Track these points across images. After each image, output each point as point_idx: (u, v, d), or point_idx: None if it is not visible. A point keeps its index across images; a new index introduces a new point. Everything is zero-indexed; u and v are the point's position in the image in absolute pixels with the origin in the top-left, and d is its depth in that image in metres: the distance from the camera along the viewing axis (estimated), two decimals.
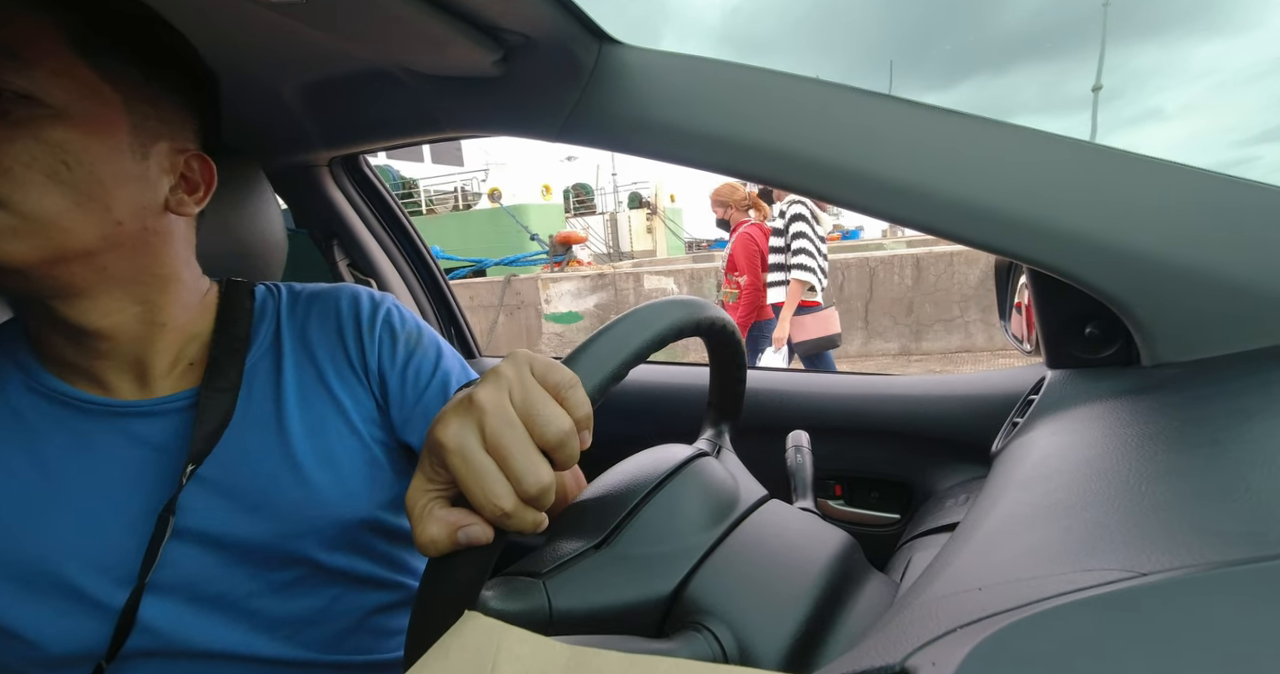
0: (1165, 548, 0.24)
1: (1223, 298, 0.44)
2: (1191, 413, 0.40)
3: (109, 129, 0.44)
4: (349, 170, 1.08)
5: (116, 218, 0.44)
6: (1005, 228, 0.48)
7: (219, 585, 0.48)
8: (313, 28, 0.59)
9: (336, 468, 0.51)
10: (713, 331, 0.47)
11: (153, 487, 0.47)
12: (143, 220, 0.46)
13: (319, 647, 0.51)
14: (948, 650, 0.21)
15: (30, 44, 0.41)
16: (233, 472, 0.48)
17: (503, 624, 0.29)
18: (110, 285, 0.46)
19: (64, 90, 0.41)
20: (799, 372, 0.95)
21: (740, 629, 0.35)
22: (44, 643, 0.43)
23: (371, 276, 1.12)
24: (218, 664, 0.48)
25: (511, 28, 0.57)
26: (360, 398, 0.54)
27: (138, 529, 0.45)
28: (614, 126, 0.59)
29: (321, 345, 0.54)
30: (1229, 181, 0.46)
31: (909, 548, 0.62)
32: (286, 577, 0.50)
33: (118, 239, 0.45)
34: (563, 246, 8.86)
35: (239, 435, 0.49)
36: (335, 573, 0.52)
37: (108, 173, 0.43)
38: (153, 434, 0.48)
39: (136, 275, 0.47)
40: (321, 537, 0.50)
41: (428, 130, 0.78)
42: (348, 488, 0.51)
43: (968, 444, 0.75)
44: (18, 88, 0.40)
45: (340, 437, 0.52)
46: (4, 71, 0.39)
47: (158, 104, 0.47)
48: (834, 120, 0.53)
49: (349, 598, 0.52)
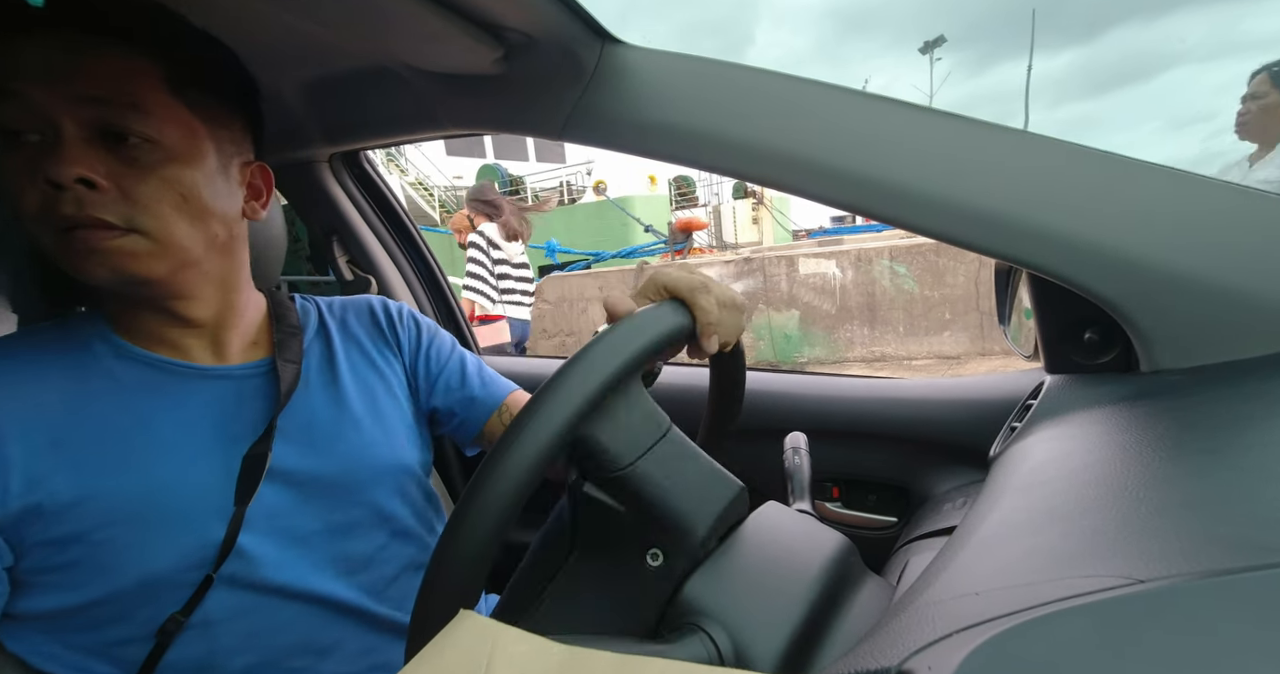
0: (1162, 555, 0.24)
1: (1222, 305, 0.44)
2: (1189, 419, 0.40)
3: (204, 158, 0.53)
4: (349, 166, 1.08)
5: (215, 231, 0.54)
6: (1006, 232, 0.48)
7: (292, 520, 0.56)
8: (314, 23, 0.59)
9: (384, 422, 0.63)
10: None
11: (236, 434, 0.55)
12: (230, 229, 0.56)
13: (368, 590, 0.59)
14: (944, 655, 0.21)
15: (145, 94, 0.49)
16: (303, 423, 0.58)
17: (498, 623, 0.29)
18: (206, 284, 0.56)
19: (172, 131, 0.50)
20: (798, 374, 0.95)
21: (736, 631, 0.35)
22: (156, 565, 0.50)
23: (370, 273, 1.12)
24: (285, 601, 0.55)
25: (513, 26, 0.57)
26: (397, 371, 0.68)
27: (228, 469, 0.53)
28: (616, 126, 0.59)
29: (362, 331, 0.68)
30: (1231, 189, 0.46)
31: (906, 551, 0.62)
32: (346, 518, 0.58)
33: (215, 247, 0.55)
34: (683, 234, 8.32)
35: (305, 396, 0.60)
36: (384, 519, 0.61)
37: (209, 196, 0.53)
38: (228, 393, 0.57)
39: (224, 274, 0.58)
40: (374, 480, 0.60)
41: (428, 127, 0.78)
42: (393, 440, 0.63)
43: (966, 448, 0.75)
44: (140, 134, 0.49)
45: (386, 398, 0.65)
46: (132, 122, 0.48)
47: (229, 126, 0.56)
48: (834, 122, 0.53)
49: (393, 547, 0.61)
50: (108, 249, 0.48)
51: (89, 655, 0.51)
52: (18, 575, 0.49)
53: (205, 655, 0.52)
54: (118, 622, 0.50)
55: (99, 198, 0.47)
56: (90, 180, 0.47)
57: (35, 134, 0.47)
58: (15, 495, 0.47)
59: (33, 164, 0.47)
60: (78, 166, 0.46)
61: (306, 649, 0.56)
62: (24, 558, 0.49)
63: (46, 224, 0.48)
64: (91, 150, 0.47)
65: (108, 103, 0.48)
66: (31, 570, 0.49)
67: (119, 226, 0.48)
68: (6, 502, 0.47)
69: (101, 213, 0.47)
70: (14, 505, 0.47)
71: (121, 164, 0.48)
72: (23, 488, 0.48)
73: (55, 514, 0.48)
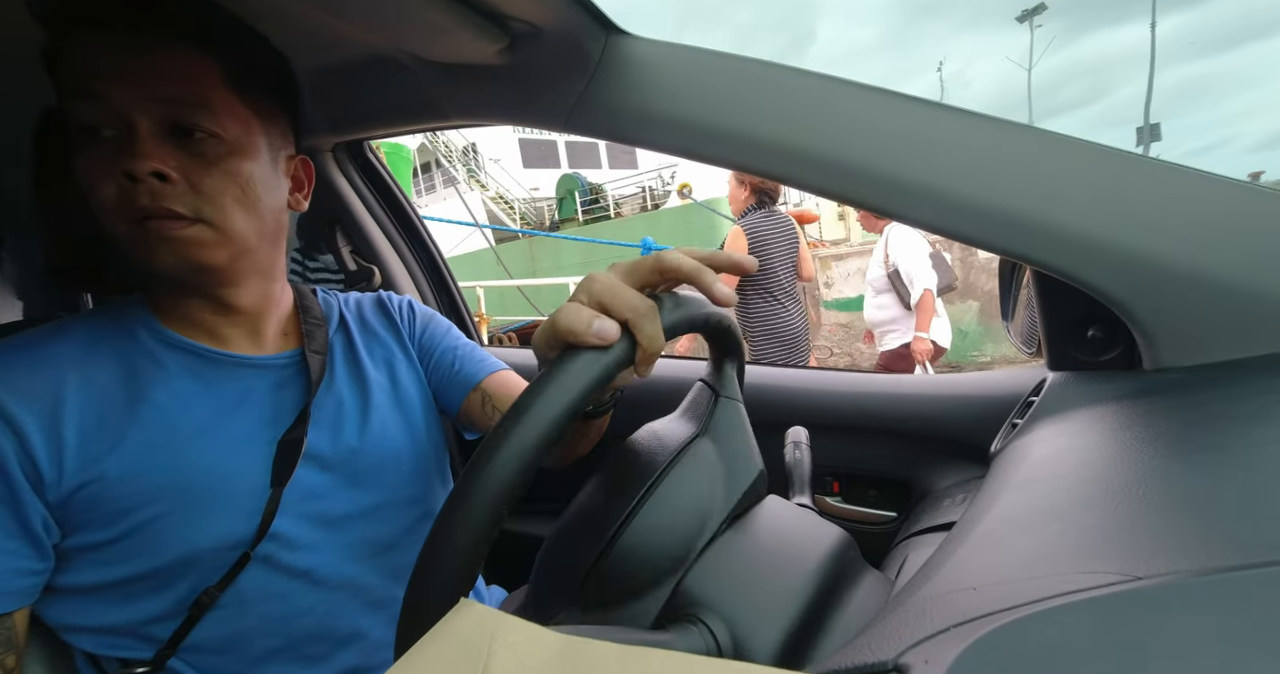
0: (1161, 552, 0.24)
1: (1227, 303, 0.44)
2: (1192, 418, 0.40)
3: (259, 151, 0.55)
4: (353, 156, 1.07)
5: (267, 221, 0.57)
6: (1010, 228, 0.48)
7: (324, 503, 0.58)
8: (319, 13, 0.59)
9: (405, 408, 0.67)
10: (708, 327, 0.47)
11: (271, 420, 0.58)
12: (278, 219, 0.59)
13: (394, 575, 0.61)
14: (941, 649, 0.22)
15: (210, 92, 0.52)
16: (332, 410, 0.62)
17: (498, 612, 0.29)
18: (255, 272, 0.59)
19: (233, 125, 0.53)
20: (799, 368, 0.95)
21: (735, 623, 0.36)
22: (197, 542, 0.52)
23: (373, 262, 1.12)
24: (312, 586, 0.57)
25: (518, 16, 0.57)
26: (411, 357, 0.72)
27: (265, 453, 0.56)
28: (620, 117, 0.58)
29: (377, 323, 0.72)
30: (1236, 186, 0.45)
31: (905, 546, 0.63)
32: (374, 500, 0.61)
33: (266, 236, 0.58)
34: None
35: (332, 384, 0.63)
36: (409, 502, 0.64)
37: (263, 187, 0.56)
38: (264, 381, 0.60)
39: (269, 264, 0.61)
40: (399, 464, 0.64)
41: (432, 117, 0.78)
42: (414, 425, 0.67)
43: (967, 444, 0.75)
44: (206, 129, 0.51)
45: (403, 386, 0.69)
46: (200, 118, 0.51)
47: (278, 121, 0.59)
48: (840, 116, 0.52)
49: (420, 529, 0.64)
50: (177, 238, 0.51)
51: (120, 634, 0.53)
52: (62, 550, 0.51)
53: (230, 636, 0.54)
54: (154, 595, 0.52)
55: (170, 190, 0.50)
56: (163, 173, 0.49)
57: (110, 130, 0.50)
58: (70, 474, 0.50)
59: (109, 158, 0.49)
60: (152, 161, 0.49)
61: (327, 637, 0.57)
62: (70, 535, 0.51)
63: (122, 215, 0.50)
64: (163, 145, 0.50)
65: (178, 101, 0.51)
66: (77, 547, 0.51)
67: (187, 216, 0.51)
68: (61, 481, 0.49)
69: (172, 204, 0.50)
70: (68, 484, 0.49)
71: (189, 158, 0.51)
72: (77, 467, 0.50)
73: (104, 492, 0.50)
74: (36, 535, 0.49)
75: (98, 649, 0.53)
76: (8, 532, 0.48)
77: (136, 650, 0.53)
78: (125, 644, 0.53)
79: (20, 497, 0.48)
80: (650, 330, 0.36)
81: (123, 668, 0.53)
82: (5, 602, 0.48)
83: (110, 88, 0.49)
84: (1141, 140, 21.56)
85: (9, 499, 0.48)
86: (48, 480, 0.49)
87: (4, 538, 0.48)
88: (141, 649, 0.53)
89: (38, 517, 0.49)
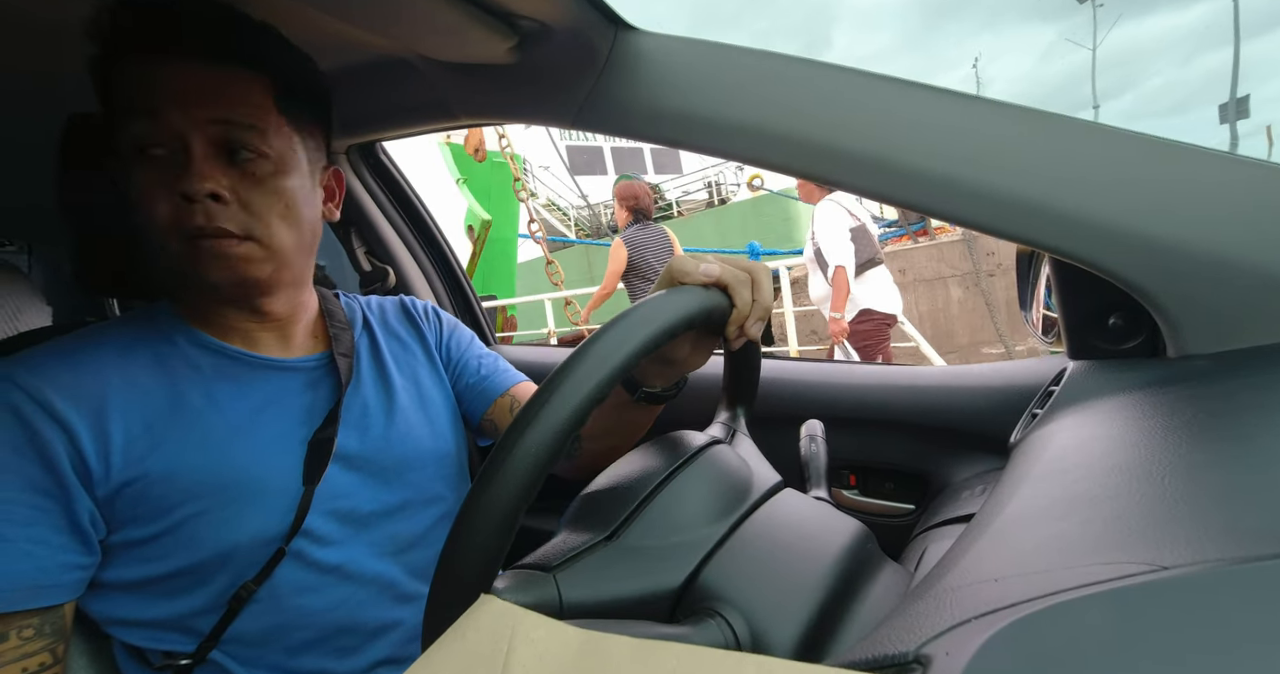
0: (1186, 542, 0.24)
1: (1252, 288, 0.43)
2: (1218, 406, 0.39)
3: (299, 168, 0.57)
4: (366, 158, 1.08)
5: (305, 233, 0.59)
6: (1028, 216, 0.47)
7: (352, 501, 0.60)
8: (330, 17, 0.59)
9: (428, 409, 0.69)
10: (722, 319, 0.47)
11: (302, 420, 0.59)
12: (315, 230, 0.61)
13: (416, 571, 0.62)
14: (962, 640, 0.21)
15: (260, 114, 0.53)
16: (359, 411, 0.63)
17: (519, 608, 0.29)
18: (290, 282, 0.60)
19: (280, 144, 0.55)
20: (814, 361, 0.94)
21: (753, 616, 0.36)
22: (235, 537, 0.54)
23: (388, 264, 1.13)
24: (341, 580, 0.58)
25: (527, 14, 0.57)
26: (434, 360, 0.74)
27: (294, 450, 0.58)
28: (630, 112, 0.58)
29: (400, 327, 0.74)
30: (1260, 167, 0.44)
31: (924, 538, 0.62)
32: (398, 499, 0.63)
33: (304, 248, 0.60)
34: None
35: (358, 386, 0.65)
36: (431, 500, 0.65)
37: (303, 202, 0.57)
38: (294, 383, 0.61)
39: (303, 274, 0.62)
40: (422, 463, 0.65)
41: (444, 118, 0.78)
42: (437, 425, 0.69)
43: (985, 435, 0.74)
44: (256, 149, 0.53)
45: (426, 387, 0.70)
46: (251, 139, 0.53)
47: (314, 135, 0.60)
48: (852, 107, 0.52)
49: (440, 527, 0.65)
50: (231, 255, 0.53)
51: (164, 627, 0.55)
52: (107, 545, 0.53)
53: (268, 628, 0.56)
54: (195, 590, 0.54)
55: (223, 210, 0.52)
56: (218, 194, 0.51)
57: (162, 149, 0.51)
58: (117, 471, 0.51)
59: (164, 178, 0.51)
60: (209, 182, 0.51)
61: (358, 629, 0.59)
62: (116, 531, 0.53)
63: (176, 233, 0.52)
64: (217, 165, 0.52)
65: (233, 122, 0.52)
66: (121, 543, 0.53)
67: (239, 235, 0.53)
68: (109, 478, 0.51)
69: (226, 223, 0.52)
70: (115, 481, 0.51)
71: (240, 177, 0.53)
72: (122, 465, 0.52)
73: (148, 490, 0.52)
74: (84, 531, 0.51)
75: (144, 642, 0.55)
76: (57, 527, 0.50)
77: (180, 643, 0.55)
78: (170, 637, 0.55)
79: (71, 492, 0.50)
80: (745, 294, 0.45)
81: (167, 659, 0.55)
82: (57, 593, 0.50)
83: (168, 108, 0.50)
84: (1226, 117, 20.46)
85: (60, 495, 0.50)
86: (96, 477, 0.51)
87: (54, 533, 0.50)
88: (185, 642, 0.55)
89: (86, 512, 0.51)
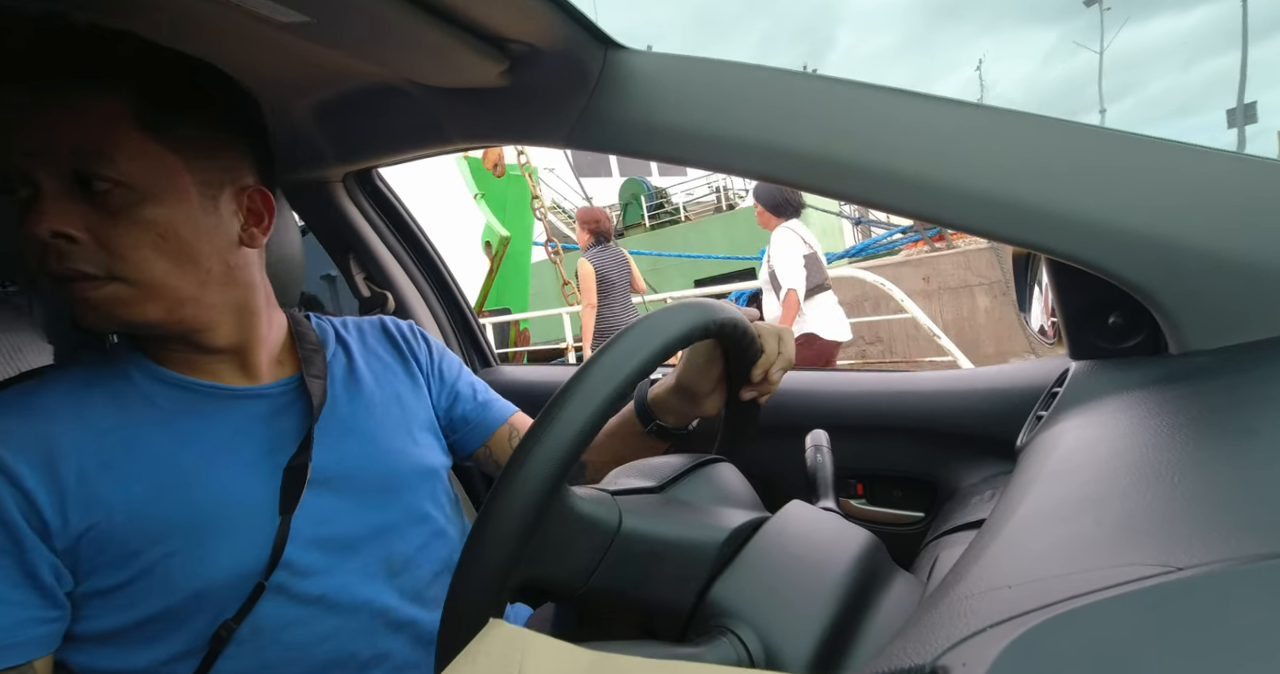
0: (1201, 541, 0.24)
1: (1252, 282, 0.43)
2: (1223, 401, 0.39)
3: (182, 195, 0.51)
4: (362, 185, 1.09)
5: (206, 266, 0.53)
6: (1023, 218, 0.48)
7: (336, 526, 0.57)
8: (321, 45, 0.60)
9: (410, 428, 0.66)
10: (724, 333, 0.47)
11: (275, 448, 0.57)
12: (225, 260, 0.55)
13: (410, 594, 0.60)
14: (979, 650, 0.21)
15: (110, 137, 0.48)
16: (337, 433, 0.60)
17: (528, 632, 0.29)
18: (219, 315, 0.56)
19: (143, 171, 0.49)
20: (816, 370, 0.94)
21: (766, 632, 0.35)
22: (211, 576, 0.51)
23: (387, 289, 1.14)
24: (328, 611, 0.56)
25: (517, 37, 0.58)
26: (417, 380, 0.71)
27: (267, 480, 0.55)
28: (622, 131, 0.59)
29: (380, 346, 0.71)
30: (1256, 163, 0.45)
31: (935, 546, 0.61)
32: (386, 519, 0.60)
33: (209, 281, 0.54)
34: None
35: (335, 407, 0.62)
36: (420, 519, 0.63)
37: (191, 233, 0.52)
38: (263, 411, 0.59)
39: (237, 302, 0.57)
40: (408, 481, 0.63)
41: (438, 142, 0.79)
42: (420, 444, 0.66)
43: (991, 439, 0.74)
44: (109, 178, 0.47)
45: (408, 405, 0.68)
46: (101, 168, 0.47)
47: (215, 155, 0.54)
48: (843, 116, 0.52)
49: (432, 546, 0.63)
50: (93, 299, 0.49)
51: None
52: (76, 597, 0.50)
53: (254, 668, 0.53)
54: (174, 633, 0.51)
55: (77, 250, 0.47)
56: (67, 234, 0.47)
57: (24, 189, 0.47)
58: (75, 518, 0.49)
59: (22, 220, 0.47)
60: (53, 222, 0.46)
61: (349, 662, 0.56)
62: (83, 581, 0.50)
63: (44, 277, 0.49)
64: (68, 202, 0.47)
65: (77, 152, 0.47)
66: (91, 592, 0.50)
67: (99, 276, 0.48)
68: (67, 527, 0.49)
69: (81, 265, 0.48)
70: (74, 528, 0.49)
71: (97, 212, 0.48)
72: (81, 510, 0.49)
73: (112, 534, 0.49)
74: (45, 584, 0.48)
75: None
76: (12, 582, 0.47)
77: None
78: None
79: (24, 545, 0.47)
80: (773, 344, 0.54)
81: None
82: (23, 651, 0.47)
83: (5, 144, 0.46)
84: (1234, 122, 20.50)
85: (12, 550, 0.47)
86: (53, 528, 0.48)
87: (9, 589, 0.47)
88: None
89: (46, 565, 0.48)
